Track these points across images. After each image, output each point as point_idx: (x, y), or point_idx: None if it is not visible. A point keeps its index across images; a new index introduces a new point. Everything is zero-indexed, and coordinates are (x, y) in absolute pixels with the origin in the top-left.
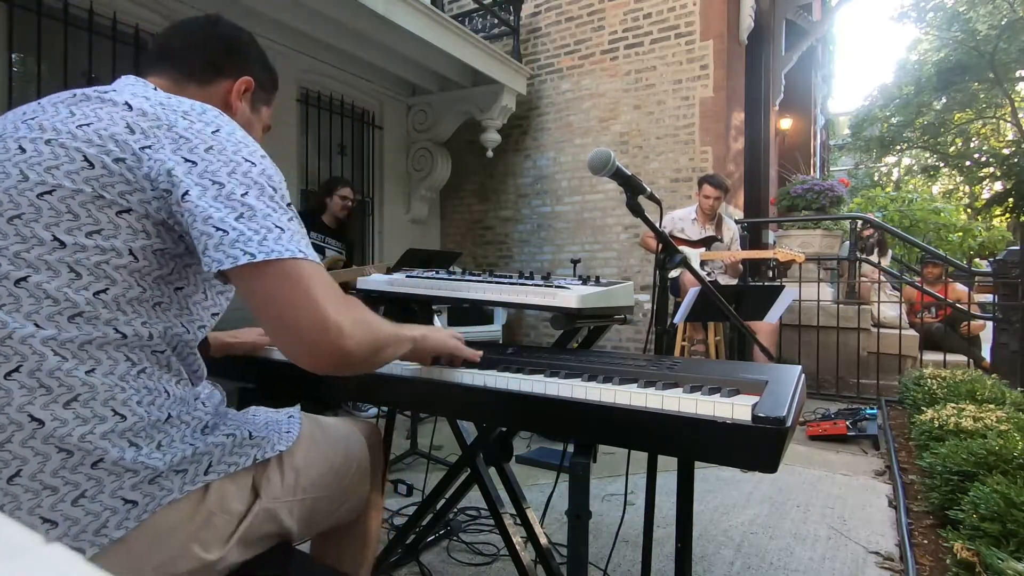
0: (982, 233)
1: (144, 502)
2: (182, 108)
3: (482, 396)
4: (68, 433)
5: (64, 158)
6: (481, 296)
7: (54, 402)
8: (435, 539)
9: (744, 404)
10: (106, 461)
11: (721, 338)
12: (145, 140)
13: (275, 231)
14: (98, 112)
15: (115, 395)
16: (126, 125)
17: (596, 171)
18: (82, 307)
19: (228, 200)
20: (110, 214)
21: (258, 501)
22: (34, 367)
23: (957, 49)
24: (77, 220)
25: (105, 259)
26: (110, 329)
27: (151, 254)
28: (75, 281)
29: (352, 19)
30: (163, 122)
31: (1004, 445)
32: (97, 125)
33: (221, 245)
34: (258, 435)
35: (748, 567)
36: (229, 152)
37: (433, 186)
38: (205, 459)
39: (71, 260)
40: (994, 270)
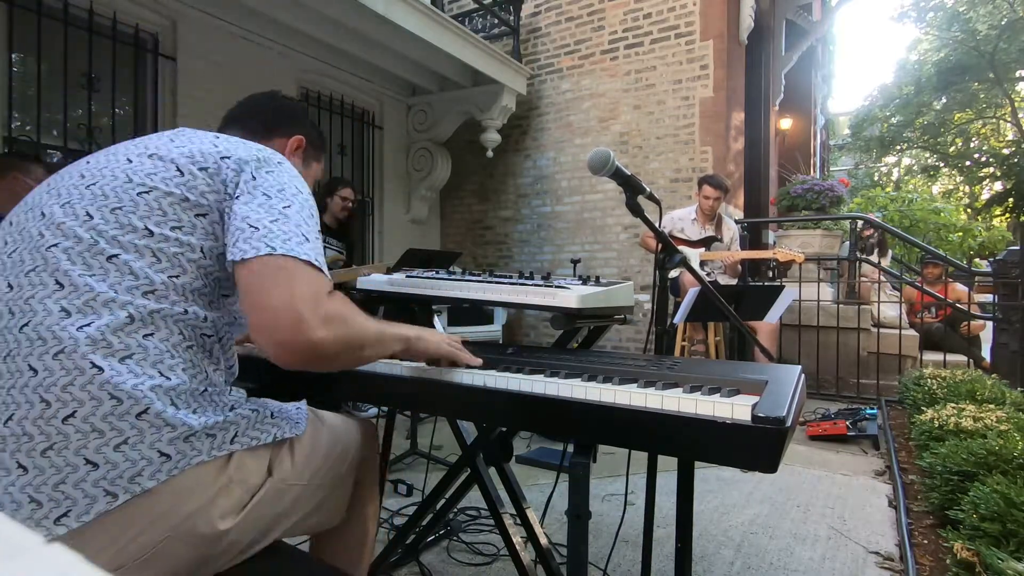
0: (982, 233)
1: (177, 457)
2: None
3: (482, 396)
4: (123, 382)
5: (162, 168)
6: (481, 296)
7: (112, 355)
8: (435, 539)
9: (744, 404)
10: (150, 412)
11: (721, 338)
12: (226, 152)
13: (299, 237)
14: (192, 139)
15: (163, 359)
16: (213, 145)
17: (596, 171)
18: (157, 285)
19: (269, 209)
20: (191, 215)
21: (269, 479)
22: (104, 324)
23: (957, 49)
24: (165, 216)
25: (182, 251)
26: (175, 308)
27: (215, 256)
28: (156, 264)
29: (352, 19)
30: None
31: (1004, 445)
32: (191, 147)
33: (250, 239)
34: (278, 415)
35: (748, 567)
36: (285, 178)
37: (433, 186)
38: (232, 428)
39: (155, 247)
40: (994, 270)
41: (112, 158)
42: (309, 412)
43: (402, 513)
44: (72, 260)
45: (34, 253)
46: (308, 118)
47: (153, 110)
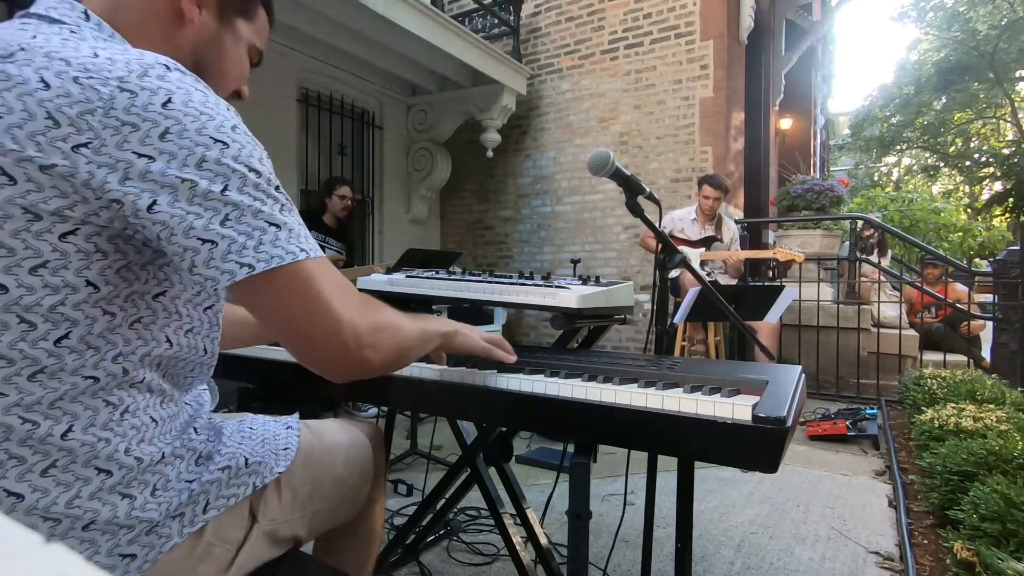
0: (982, 233)
1: (143, 553)
2: (116, 73)
3: (482, 396)
4: (52, 502)
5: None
6: (481, 296)
7: (29, 472)
8: (435, 539)
9: (744, 404)
10: (98, 522)
11: (721, 338)
12: (78, 136)
13: (269, 230)
14: (6, 97)
15: (97, 452)
16: (47, 115)
17: (595, 171)
18: (44, 362)
19: (206, 200)
20: (51, 240)
21: (256, 525)
22: (0, 439)
23: (957, 49)
24: (14, 255)
25: (60, 299)
26: (78, 378)
27: (114, 275)
28: (30, 333)
29: (352, 19)
30: (96, 103)
31: (1004, 445)
32: (9, 119)
33: (212, 260)
34: (255, 460)
35: (748, 567)
36: (191, 132)
37: (433, 186)
38: (202, 499)
39: (19, 308)
40: (994, 270)
41: None
42: (303, 429)
43: (402, 513)
44: None
45: None
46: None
47: None
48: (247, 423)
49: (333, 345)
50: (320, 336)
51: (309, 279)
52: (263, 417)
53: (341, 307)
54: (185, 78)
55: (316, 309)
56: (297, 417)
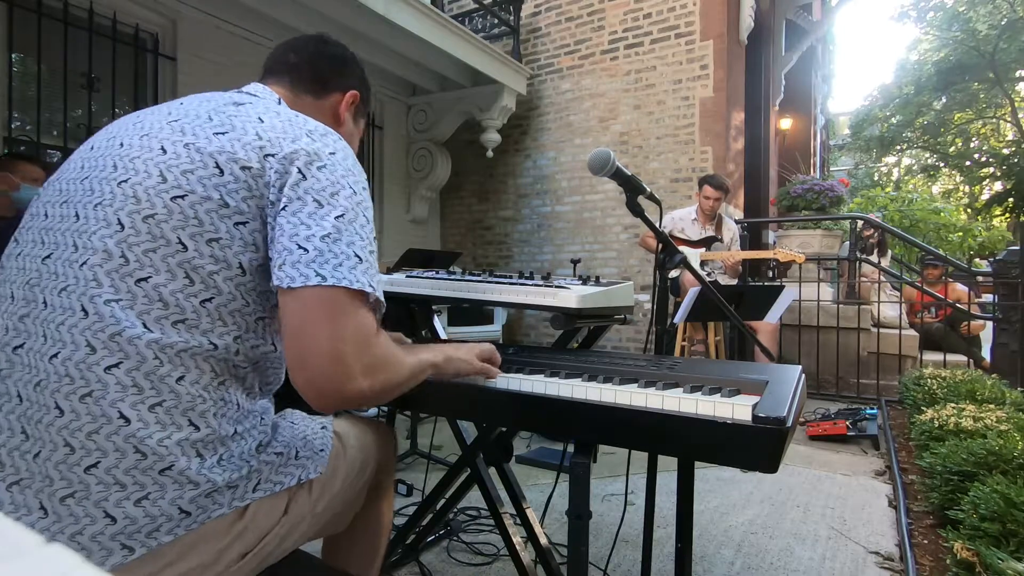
0: (982, 233)
1: (196, 513)
2: (307, 127)
3: (482, 396)
4: (148, 435)
5: (200, 164)
6: (481, 296)
7: (142, 403)
8: (435, 539)
9: (744, 404)
10: (174, 469)
11: (721, 338)
12: (271, 148)
13: (353, 259)
14: (233, 121)
15: (195, 405)
16: (256, 135)
17: (596, 171)
18: (188, 314)
19: (320, 223)
20: (229, 224)
21: (284, 518)
22: (133, 366)
23: (957, 49)
24: (201, 226)
25: (217, 269)
26: (205, 340)
27: (257, 268)
28: (188, 287)
29: (352, 19)
30: (288, 134)
31: (1004, 445)
32: (232, 134)
33: (298, 263)
34: (303, 455)
35: (748, 567)
36: (338, 175)
37: (433, 186)
38: (254, 477)
39: (188, 266)
40: (994, 270)
41: (146, 143)
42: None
43: (402, 513)
44: (100, 282)
45: (67, 267)
46: (360, 65)
47: None
48: (288, 418)
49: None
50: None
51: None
52: (301, 414)
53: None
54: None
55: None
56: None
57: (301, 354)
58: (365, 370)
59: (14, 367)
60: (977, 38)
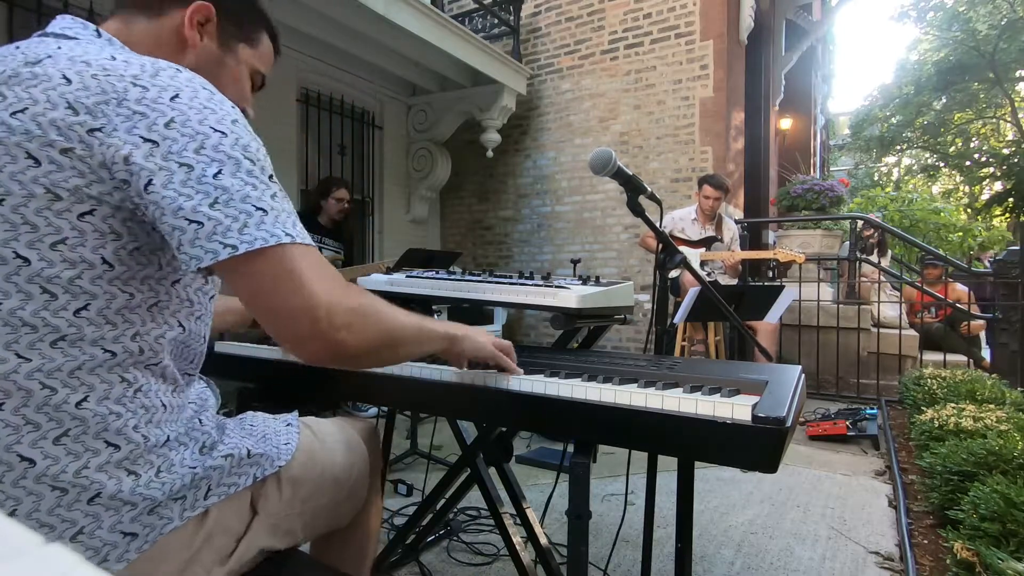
0: (982, 233)
1: (144, 533)
2: (130, 72)
3: (482, 396)
4: (62, 470)
5: (5, 157)
6: (481, 296)
7: (43, 439)
8: (435, 539)
9: (744, 404)
10: (103, 496)
11: (721, 338)
12: (93, 121)
13: (256, 214)
14: (32, 92)
15: (108, 424)
16: (67, 105)
17: (597, 171)
18: (64, 330)
19: (199, 184)
20: (71, 219)
21: (256, 518)
22: (19, 403)
23: (957, 49)
24: (36, 231)
25: (77, 273)
26: (98, 350)
27: (127, 256)
28: (51, 303)
29: (352, 19)
30: (110, 95)
31: (1004, 445)
32: (34, 110)
33: (197, 239)
34: (256, 451)
35: (748, 567)
36: (194, 123)
37: (433, 186)
38: (204, 483)
39: (41, 279)
40: (994, 270)
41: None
42: (302, 428)
43: (402, 513)
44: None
45: None
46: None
47: None
48: (247, 420)
49: (304, 323)
50: (291, 312)
51: (290, 260)
52: (263, 415)
53: (320, 288)
54: (194, 79)
55: (292, 288)
56: (296, 415)
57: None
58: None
59: None
60: (977, 38)
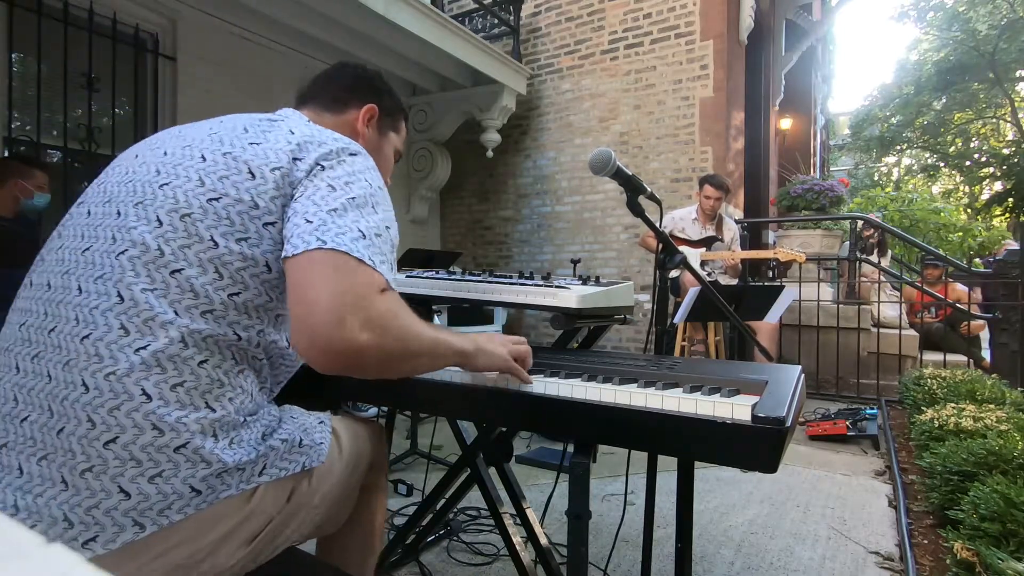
0: (982, 233)
1: (207, 493)
2: (333, 135)
3: (482, 396)
4: (168, 413)
5: (234, 170)
6: (481, 296)
7: (164, 382)
8: (435, 539)
9: (744, 404)
10: (188, 447)
11: (721, 338)
12: (299, 152)
13: (356, 233)
14: (267, 134)
15: (212, 389)
16: (287, 142)
17: (597, 171)
18: (215, 305)
19: (330, 200)
20: (258, 224)
21: (286, 506)
22: (160, 348)
23: (957, 49)
24: (232, 226)
25: (245, 266)
26: (231, 330)
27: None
28: (217, 281)
29: (352, 19)
30: (316, 139)
31: (1004, 445)
32: (265, 144)
33: (303, 234)
34: (307, 442)
35: (748, 567)
36: (356, 170)
37: (433, 186)
38: (261, 461)
39: (219, 262)
40: (994, 270)
41: (188, 152)
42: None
43: (402, 513)
44: (137, 271)
45: (104, 257)
46: (383, 83)
47: (153, 110)
48: (288, 412)
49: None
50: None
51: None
52: (299, 408)
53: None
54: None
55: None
56: (329, 415)
57: (301, 314)
58: (365, 324)
59: (46, 349)
60: (977, 38)
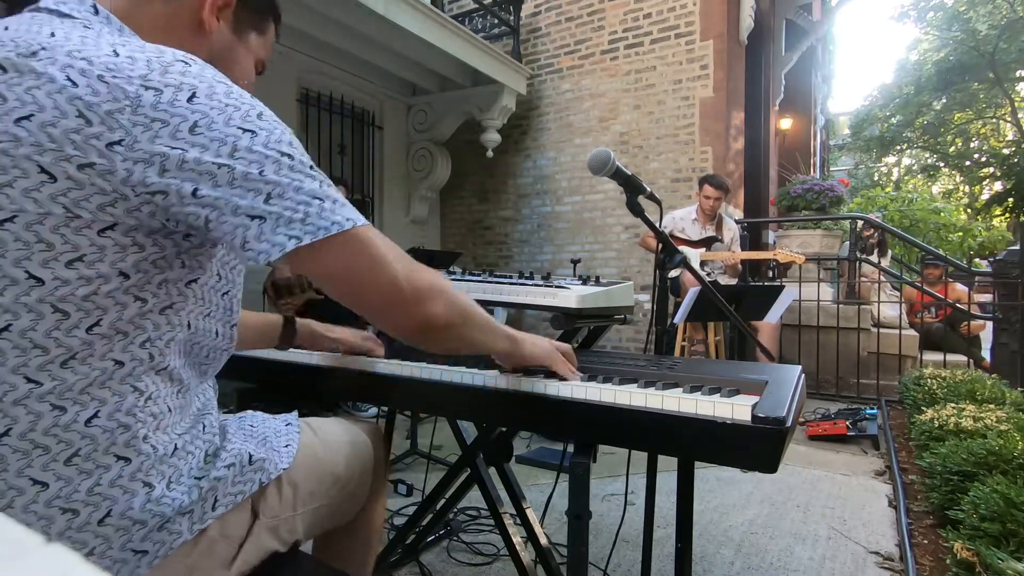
0: (982, 233)
1: (155, 549)
2: (138, 71)
3: (482, 396)
4: (74, 490)
5: (15, 171)
6: (481, 296)
7: (54, 460)
8: (435, 539)
9: (744, 404)
10: (113, 514)
11: (721, 338)
12: (110, 133)
13: (314, 204)
14: (36, 95)
15: (116, 439)
16: (78, 114)
17: (596, 171)
18: (76, 349)
19: (247, 181)
20: (90, 235)
21: (257, 522)
22: (27, 428)
23: (957, 49)
24: (52, 249)
25: (93, 289)
26: (108, 363)
27: (149, 265)
28: (64, 321)
29: (352, 19)
30: (123, 102)
31: (1004, 445)
32: (41, 117)
33: (262, 234)
34: (258, 456)
35: (748, 567)
36: (220, 124)
37: (433, 186)
38: (211, 496)
39: (54, 299)
40: (994, 270)
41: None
42: (303, 427)
43: (402, 513)
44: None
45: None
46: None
47: None
48: (247, 420)
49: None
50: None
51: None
52: (262, 415)
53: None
54: (205, 70)
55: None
56: (296, 415)
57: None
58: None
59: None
60: (977, 38)
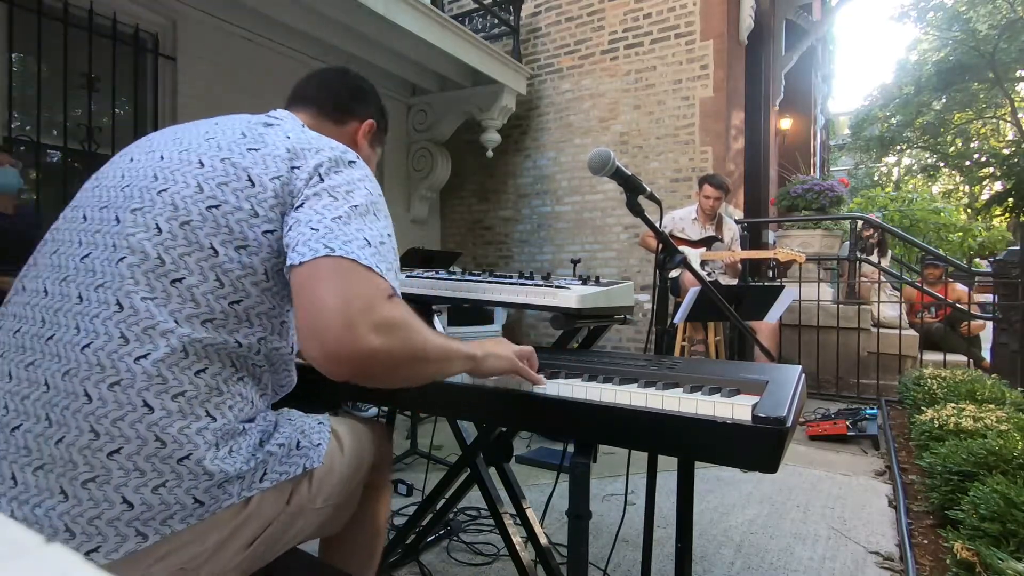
0: (982, 233)
1: (209, 503)
2: (330, 143)
3: (482, 396)
4: (169, 424)
5: (233, 177)
6: (481, 296)
7: (165, 392)
8: (435, 539)
9: (744, 404)
10: (191, 459)
11: (721, 338)
12: (297, 160)
13: (361, 241)
14: (264, 138)
15: (211, 398)
16: (286, 149)
17: (596, 171)
18: (216, 314)
19: (333, 209)
20: (257, 232)
21: (286, 508)
22: (160, 357)
23: (957, 49)
24: (232, 235)
25: (245, 274)
26: (232, 338)
27: (277, 273)
28: (218, 290)
29: (352, 19)
30: (313, 147)
31: (1004, 445)
32: (264, 150)
33: (309, 241)
34: (304, 445)
35: (748, 567)
36: (355, 179)
37: (433, 186)
38: (261, 468)
39: (219, 270)
40: (994, 270)
41: (185, 157)
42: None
43: (402, 513)
44: (136, 280)
45: (104, 265)
46: (377, 95)
47: (153, 110)
48: (286, 415)
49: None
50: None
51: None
52: (297, 412)
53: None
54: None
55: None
56: (327, 416)
57: (310, 320)
58: (374, 328)
59: (44, 357)
60: (977, 38)
